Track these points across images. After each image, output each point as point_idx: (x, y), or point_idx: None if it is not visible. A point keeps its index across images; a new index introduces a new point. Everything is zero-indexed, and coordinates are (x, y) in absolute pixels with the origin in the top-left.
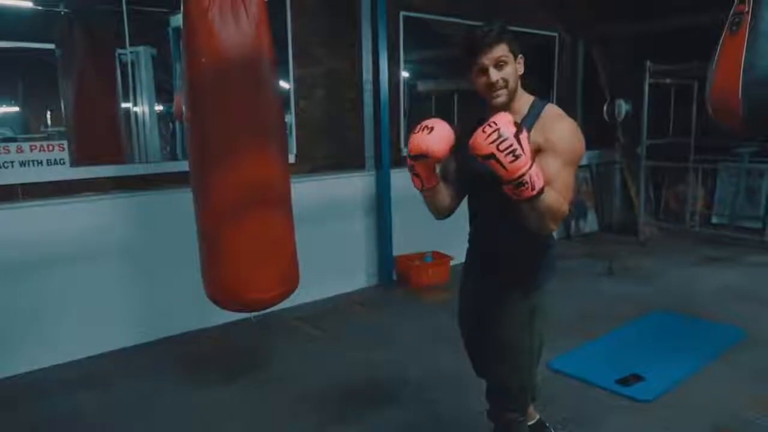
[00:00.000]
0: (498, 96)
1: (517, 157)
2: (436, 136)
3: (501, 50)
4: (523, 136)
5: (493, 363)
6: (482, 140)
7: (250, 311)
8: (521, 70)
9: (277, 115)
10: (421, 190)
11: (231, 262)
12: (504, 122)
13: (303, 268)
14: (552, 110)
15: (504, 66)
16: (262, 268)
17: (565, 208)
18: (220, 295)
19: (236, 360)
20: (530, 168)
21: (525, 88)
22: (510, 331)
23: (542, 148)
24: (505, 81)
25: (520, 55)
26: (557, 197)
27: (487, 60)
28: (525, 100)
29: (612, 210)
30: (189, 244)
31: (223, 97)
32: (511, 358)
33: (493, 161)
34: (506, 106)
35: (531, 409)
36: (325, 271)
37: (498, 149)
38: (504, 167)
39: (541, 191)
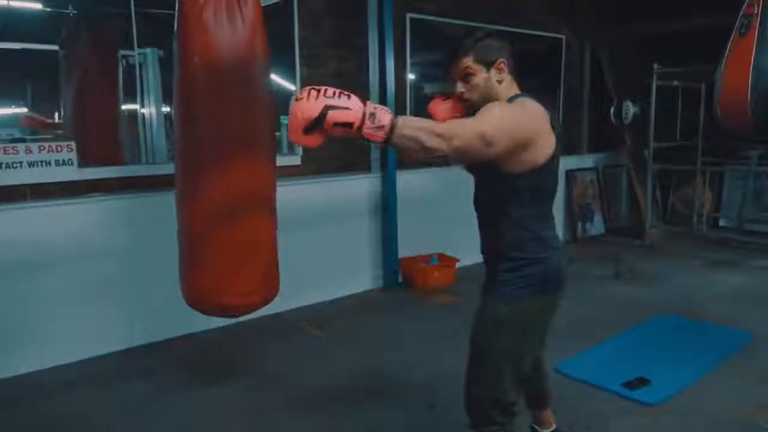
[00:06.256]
0: (465, 103)
1: (349, 96)
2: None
3: (465, 62)
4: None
5: (467, 368)
6: (305, 104)
7: (228, 316)
8: (500, 75)
9: (267, 119)
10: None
11: (209, 265)
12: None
13: (307, 270)
14: (517, 99)
15: (470, 77)
16: (241, 273)
17: (449, 127)
18: (195, 299)
19: (237, 361)
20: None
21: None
22: (479, 337)
23: None
24: (470, 92)
25: (500, 60)
26: (424, 121)
27: (454, 72)
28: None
29: (619, 213)
30: None
31: (213, 97)
32: (479, 365)
33: (332, 113)
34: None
35: (548, 416)
36: (330, 273)
37: (325, 96)
38: (347, 107)
39: (395, 116)
